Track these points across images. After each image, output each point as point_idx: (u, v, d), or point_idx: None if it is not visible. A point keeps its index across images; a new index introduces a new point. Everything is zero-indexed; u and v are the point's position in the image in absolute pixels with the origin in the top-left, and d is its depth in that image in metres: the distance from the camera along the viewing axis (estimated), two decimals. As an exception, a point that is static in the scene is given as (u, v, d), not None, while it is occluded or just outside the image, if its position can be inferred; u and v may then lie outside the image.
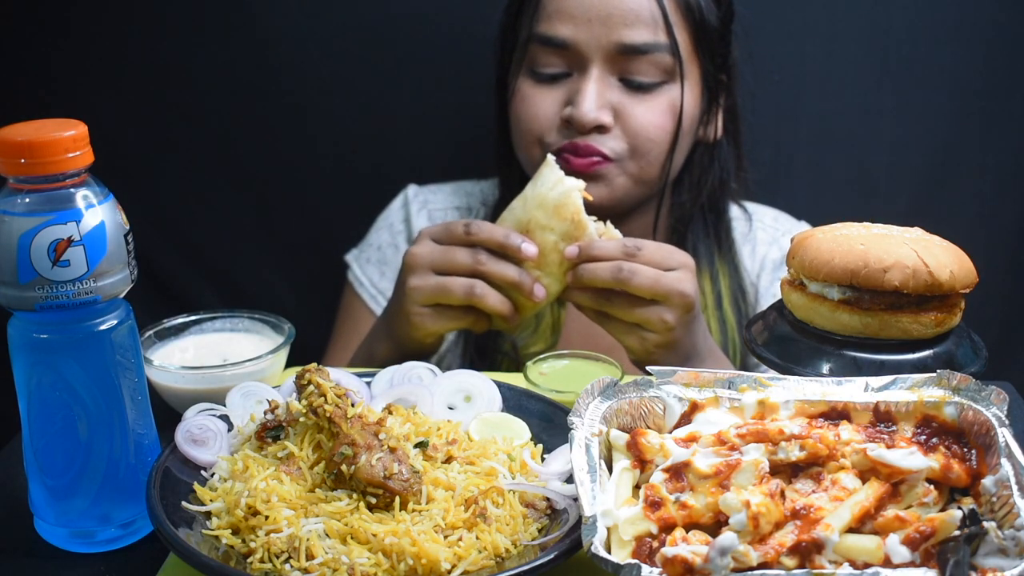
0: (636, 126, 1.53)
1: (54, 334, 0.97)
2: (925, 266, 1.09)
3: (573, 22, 1.50)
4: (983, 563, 0.85)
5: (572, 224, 1.32)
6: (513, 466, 1.06)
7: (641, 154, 1.55)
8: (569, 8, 1.51)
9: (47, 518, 1.03)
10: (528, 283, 1.34)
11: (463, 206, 1.79)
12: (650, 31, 1.50)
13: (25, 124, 0.94)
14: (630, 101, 1.53)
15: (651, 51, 1.50)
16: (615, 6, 1.49)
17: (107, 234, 0.95)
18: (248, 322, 1.34)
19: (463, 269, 1.34)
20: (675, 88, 1.54)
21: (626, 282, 1.30)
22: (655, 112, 1.53)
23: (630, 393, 1.01)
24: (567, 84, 1.55)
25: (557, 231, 1.33)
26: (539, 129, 1.56)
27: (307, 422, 1.04)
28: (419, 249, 1.36)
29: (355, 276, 1.80)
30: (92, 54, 1.93)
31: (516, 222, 1.35)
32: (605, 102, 1.52)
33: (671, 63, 1.52)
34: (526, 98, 1.57)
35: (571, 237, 1.32)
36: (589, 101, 1.50)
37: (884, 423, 0.98)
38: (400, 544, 0.92)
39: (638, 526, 0.89)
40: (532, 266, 1.35)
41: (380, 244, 1.79)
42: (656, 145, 1.55)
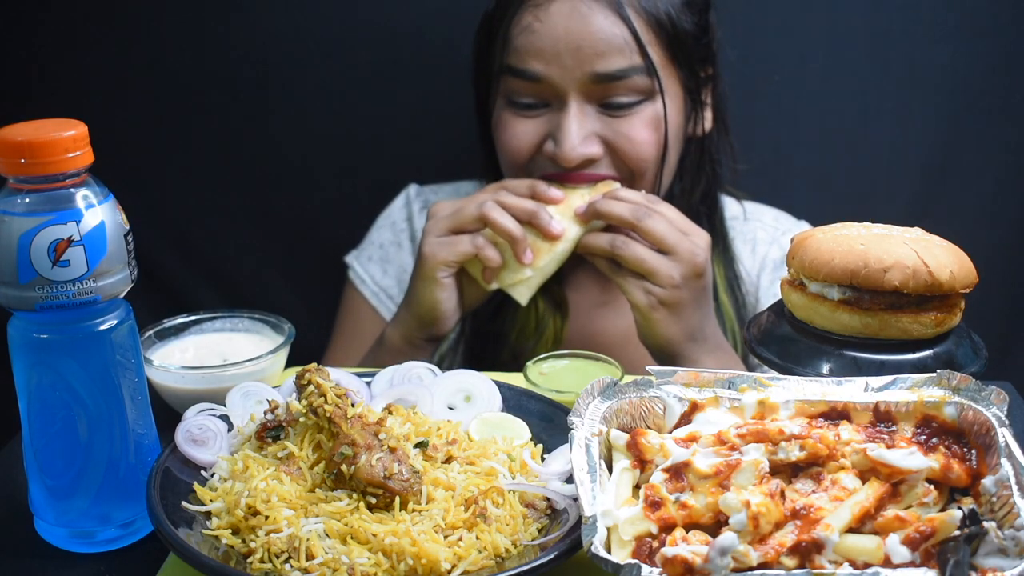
0: (626, 149, 1.50)
1: (54, 334, 0.97)
2: (925, 266, 1.09)
3: (543, 57, 1.46)
4: (983, 563, 0.85)
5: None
6: (513, 466, 1.06)
7: (639, 174, 1.53)
8: (538, 43, 1.47)
9: (47, 518, 1.03)
10: (544, 215, 1.42)
11: None
12: (624, 57, 1.46)
13: (25, 124, 0.94)
14: (614, 125, 1.50)
15: (627, 76, 1.47)
16: (584, 38, 1.45)
17: (107, 234, 0.95)
18: (248, 322, 1.34)
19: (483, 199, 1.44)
20: (655, 103, 1.51)
21: (642, 221, 1.36)
22: (640, 130, 1.50)
23: (630, 393, 1.01)
24: (547, 115, 1.52)
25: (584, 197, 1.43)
26: (523, 161, 1.55)
27: (307, 422, 1.04)
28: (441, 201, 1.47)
29: (356, 275, 1.79)
30: (92, 54, 1.93)
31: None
32: (588, 133, 1.49)
33: (649, 83, 1.49)
34: (507, 128, 1.55)
35: None
36: (572, 139, 1.47)
37: (884, 423, 0.98)
38: (400, 544, 0.92)
39: (638, 526, 0.89)
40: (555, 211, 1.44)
41: (382, 242, 1.79)
42: (648, 163, 1.53)
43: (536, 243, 1.44)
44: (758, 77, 1.87)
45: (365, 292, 1.77)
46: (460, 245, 1.43)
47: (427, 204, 1.79)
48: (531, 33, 1.47)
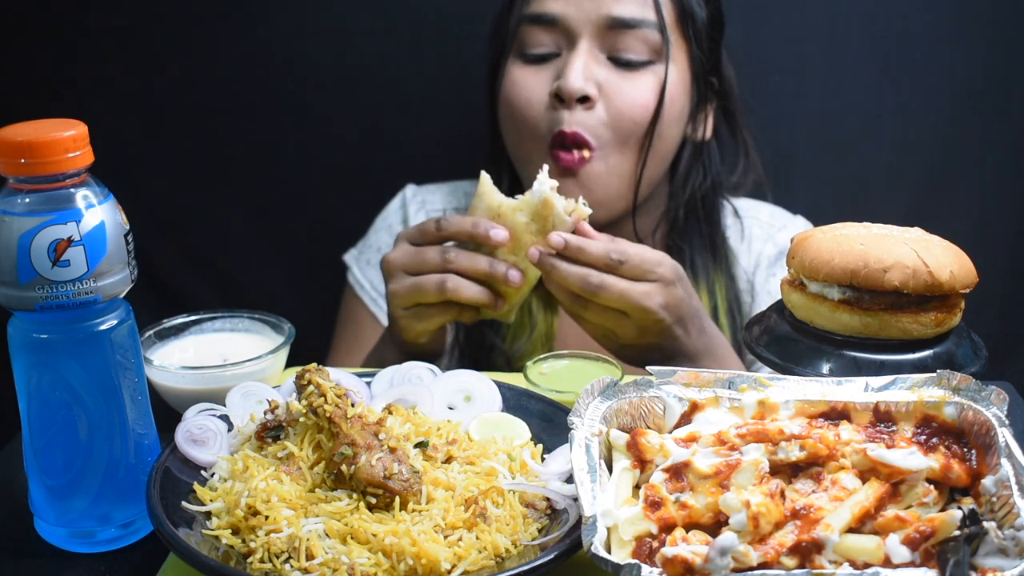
0: (620, 104, 1.53)
1: (54, 334, 0.97)
2: (925, 266, 1.09)
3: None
4: (983, 563, 0.85)
5: (540, 203, 1.32)
6: (513, 466, 1.06)
7: (622, 138, 1.54)
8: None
9: (47, 518, 1.03)
10: (501, 271, 1.34)
11: (461, 207, 1.78)
12: (638, 6, 1.52)
13: (25, 124, 0.94)
14: (616, 78, 1.53)
15: (639, 26, 1.52)
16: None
17: (107, 234, 0.95)
18: (248, 322, 1.34)
19: (435, 267, 1.35)
20: (661, 68, 1.55)
21: (592, 294, 1.31)
22: (640, 90, 1.53)
23: (630, 393, 1.01)
24: (555, 63, 1.56)
25: (527, 211, 1.33)
26: (531, 115, 1.56)
27: (307, 422, 1.04)
28: (394, 254, 1.38)
29: (356, 279, 1.79)
30: (92, 54, 1.93)
31: (487, 209, 1.35)
32: (591, 75, 1.52)
33: (658, 40, 1.53)
34: (516, 82, 1.58)
35: (540, 216, 1.32)
36: (576, 72, 1.51)
37: (884, 423, 0.98)
38: (400, 544, 0.92)
39: (638, 526, 0.89)
40: (507, 251, 1.35)
41: (380, 246, 1.79)
42: (638, 127, 1.54)
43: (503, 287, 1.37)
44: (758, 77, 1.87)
45: (364, 298, 1.77)
46: (435, 319, 1.39)
47: (424, 205, 1.79)
48: None
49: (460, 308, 1.38)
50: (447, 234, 1.36)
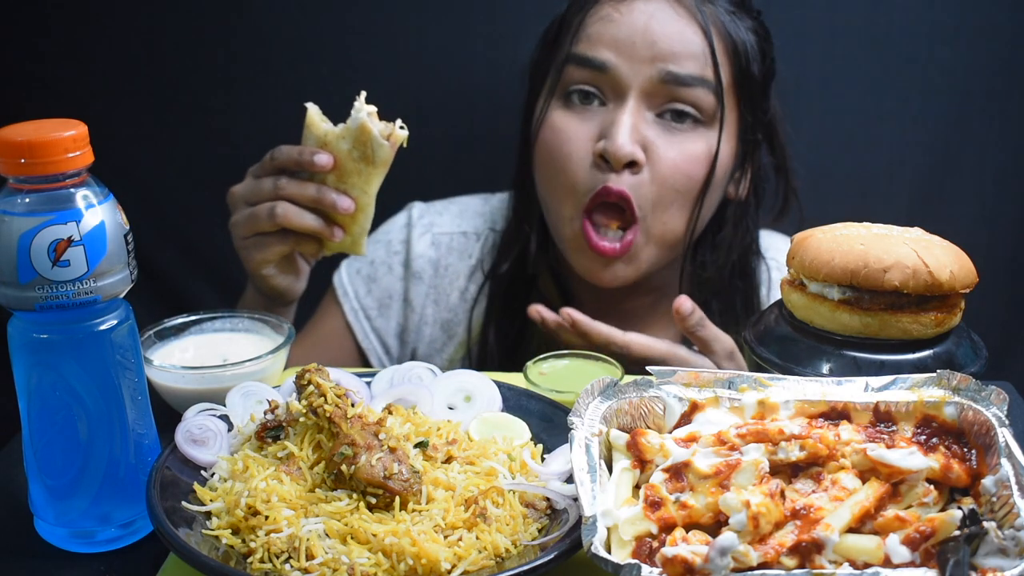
0: (666, 169, 1.46)
1: (54, 334, 0.97)
2: (925, 266, 1.09)
3: (616, 46, 1.44)
4: (983, 563, 0.85)
5: (358, 129, 1.35)
6: (513, 466, 1.06)
7: (664, 206, 1.47)
8: (614, 32, 1.45)
9: (47, 518, 1.03)
10: (329, 197, 1.37)
11: (471, 230, 1.73)
12: (696, 65, 1.44)
13: (25, 124, 0.94)
14: (663, 140, 1.46)
15: (694, 85, 1.44)
16: (662, 34, 1.43)
17: (107, 234, 0.95)
18: (248, 322, 1.34)
19: (268, 196, 1.39)
20: (711, 133, 1.47)
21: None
22: (686, 156, 1.46)
23: (630, 393, 1.01)
24: (600, 116, 1.48)
25: (348, 138, 1.36)
26: (572, 170, 1.48)
27: (307, 422, 1.04)
28: (237, 187, 1.44)
29: (341, 283, 1.74)
30: (92, 54, 1.93)
31: (316, 140, 1.38)
32: (640, 136, 1.45)
33: (712, 104, 1.45)
34: (557, 129, 1.50)
35: (360, 143, 1.36)
36: (624, 134, 1.43)
37: (884, 423, 0.98)
38: (400, 544, 0.92)
39: (638, 526, 0.89)
40: (336, 180, 1.39)
41: (374, 259, 1.74)
42: (682, 196, 1.48)
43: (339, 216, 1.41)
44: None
45: (345, 307, 1.73)
46: (273, 247, 1.42)
47: (430, 228, 1.73)
48: (609, 22, 1.46)
49: (297, 237, 1.41)
50: (279, 163, 1.39)
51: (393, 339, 1.72)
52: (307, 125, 1.38)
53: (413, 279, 1.71)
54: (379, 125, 1.35)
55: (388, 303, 1.72)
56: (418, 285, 1.71)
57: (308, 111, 1.38)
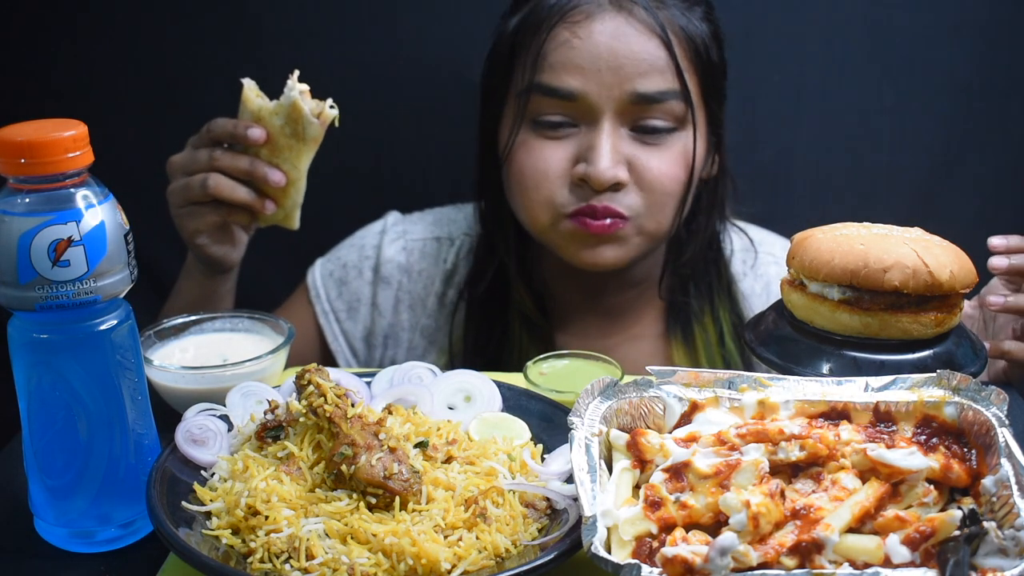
0: (651, 179, 1.47)
1: (54, 334, 0.97)
2: (925, 266, 1.09)
3: (582, 73, 1.44)
4: (983, 563, 0.85)
5: (290, 106, 1.39)
6: (513, 466, 1.06)
7: (657, 208, 1.49)
8: (577, 59, 1.44)
9: (47, 518, 1.03)
10: (260, 169, 1.42)
11: (444, 235, 1.74)
12: (663, 79, 1.44)
13: (25, 124, 0.94)
14: (643, 153, 1.47)
15: (664, 99, 1.45)
16: (625, 55, 1.43)
17: (107, 234, 0.95)
18: (248, 322, 1.34)
19: (203, 167, 1.42)
20: (685, 135, 1.48)
21: None
22: (668, 163, 1.47)
23: (630, 393, 1.01)
24: (576, 138, 1.48)
25: (281, 115, 1.41)
26: (549, 189, 1.49)
27: (307, 422, 1.04)
28: (175, 156, 1.46)
29: (315, 285, 1.74)
30: (92, 54, 1.93)
31: (251, 114, 1.42)
32: (620, 157, 1.46)
33: (683, 110, 1.46)
34: (531, 154, 1.49)
35: (292, 120, 1.40)
36: (605, 159, 1.43)
37: (884, 423, 0.98)
38: (400, 544, 0.92)
39: (638, 526, 0.89)
40: (269, 154, 1.43)
41: (346, 262, 1.75)
42: (671, 197, 1.49)
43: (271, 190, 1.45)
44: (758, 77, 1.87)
45: (316, 308, 1.74)
46: (206, 217, 1.46)
47: (403, 235, 1.73)
48: (570, 49, 1.44)
49: (230, 208, 1.45)
50: (214, 135, 1.43)
51: (359, 343, 1.74)
52: (243, 100, 1.42)
53: (381, 283, 1.72)
54: (310, 103, 1.40)
55: (356, 306, 1.73)
56: (386, 290, 1.72)
57: (244, 86, 1.42)
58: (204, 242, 1.49)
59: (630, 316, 1.68)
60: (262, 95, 1.43)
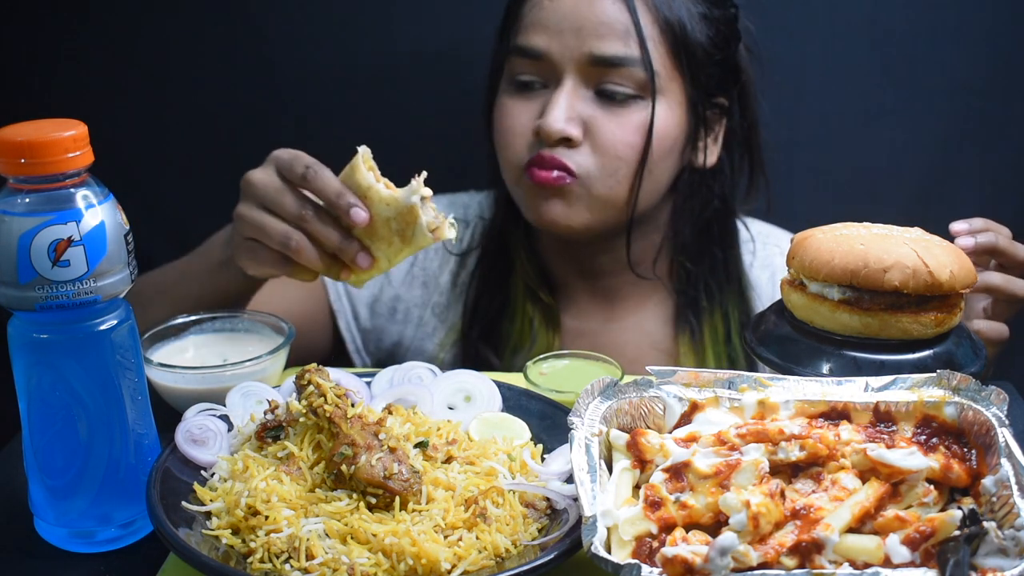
0: (605, 142, 1.50)
1: (54, 334, 0.97)
2: (925, 266, 1.09)
3: (547, 33, 1.50)
4: (983, 563, 0.85)
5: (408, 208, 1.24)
6: (513, 466, 1.06)
7: (609, 172, 1.51)
8: (543, 19, 1.51)
9: (47, 518, 1.03)
10: (351, 251, 1.27)
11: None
12: (622, 43, 1.48)
13: (25, 124, 0.94)
14: (602, 116, 1.50)
15: (623, 64, 1.48)
16: (587, 17, 1.47)
17: (107, 234, 0.95)
18: (248, 322, 1.34)
19: (289, 215, 1.27)
20: (644, 104, 1.50)
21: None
22: (625, 128, 1.50)
23: (630, 393, 1.01)
24: (542, 97, 1.53)
25: (393, 208, 1.25)
26: (513, 147, 1.54)
27: (307, 422, 1.04)
28: (258, 176, 1.30)
29: None
30: (92, 54, 1.93)
31: (356, 185, 1.26)
32: (575, 114, 1.49)
33: (644, 78, 1.49)
34: (504, 114, 1.56)
35: (404, 220, 1.25)
36: (557, 111, 1.48)
37: (884, 423, 0.98)
38: (400, 544, 0.92)
39: (638, 526, 0.89)
40: (362, 233, 1.27)
41: None
42: (624, 164, 1.51)
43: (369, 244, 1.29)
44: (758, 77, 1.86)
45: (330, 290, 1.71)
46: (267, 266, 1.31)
47: None
48: (540, 10, 1.52)
49: (296, 266, 1.30)
50: (311, 187, 1.26)
51: (364, 307, 1.73)
52: (352, 166, 1.26)
53: None
54: (430, 214, 1.26)
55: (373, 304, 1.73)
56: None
57: (359, 153, 1.26)
58: (254, 274, 1.36)
59: (632, 300, 1.69)
60: (375, 168, 1.27)
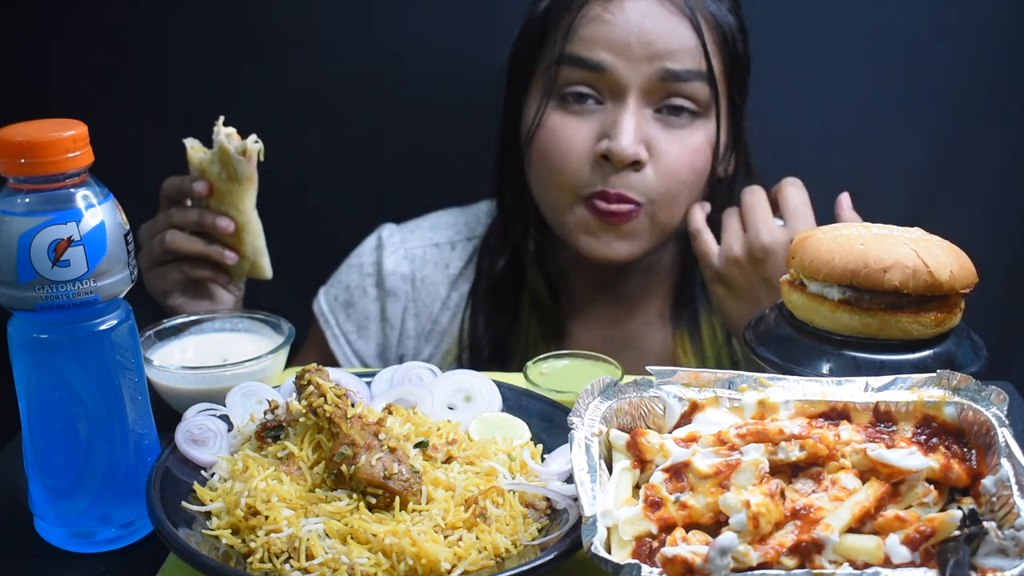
0: (669, 165, 1.48)
1: (54, 334, 0.97)
2: (925, 266, 1.09)
3: (611, 47, 1.45)
4: (983, 563, 0.85)
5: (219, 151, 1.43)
6: (513, 466, 1.06)
7: (671, 198, 1.50)
8: (606, 33, 1.45)
9: (47, 518, 1.03)
10: (208, 219, 1.44)
11: (444, 241, 1.74)
12: (691, 59, 1.46)
13: (25, 124, 0.94)
14: (664, 136, 1.48)
15: (691, 79, 1.46)
16: (657, 34, 1.44)
17: (107, 234, 0.95)
18: (248, 322, 1.34)
19: (161, 226, 1.46)
20: (709, 124, 1.50)
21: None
22: (688, 151, 1.48)
23: (630, 393, 1.01)
24: (600, 114, 1.49)
25: (216, 162, 1.44)
26: (571, 169, 1.49)
27: (307, 422, 1.04)
28: (144, 224, 1.50)
29: (322, 312, 1.75)
30: (92, 54, 1.93)
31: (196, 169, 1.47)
32: (642, 135, 1.46)
33: (707, 94, 1.48)
34: (556, 131, 1.50)
35: (224, 163, 1.44)
36: (628, 134, 1.44)
37: (884, 423, 0.98)
38: (400, 544, 0.92)
39: (638, 526, 0.89)
40: (217, 203, 1.46)
41: (348, 284, 1.75)
42: (686, 187, 1.50)
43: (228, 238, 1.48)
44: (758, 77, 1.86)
45: (328, 334, 1.74)
46: (170, 275, 1.48)
47: (403, 244, 1.73)
48: (602, 23, 1.46)
49: (192, 263, 1.47)
50: (167, 194, 1.47)
51: (373, 359, 1.74)
52: (188, 158, 1.47)
53: (388, 297, 1.72)
54: (235, 143, 1.43)
55: (366, 325, 1.73)
56: (394, 302, 1.72)
57: (186, 145, 1.47)
58: (177, 301, 1.49)
59: (639, 303, 1.70)
60: (203, 149, 1.47)
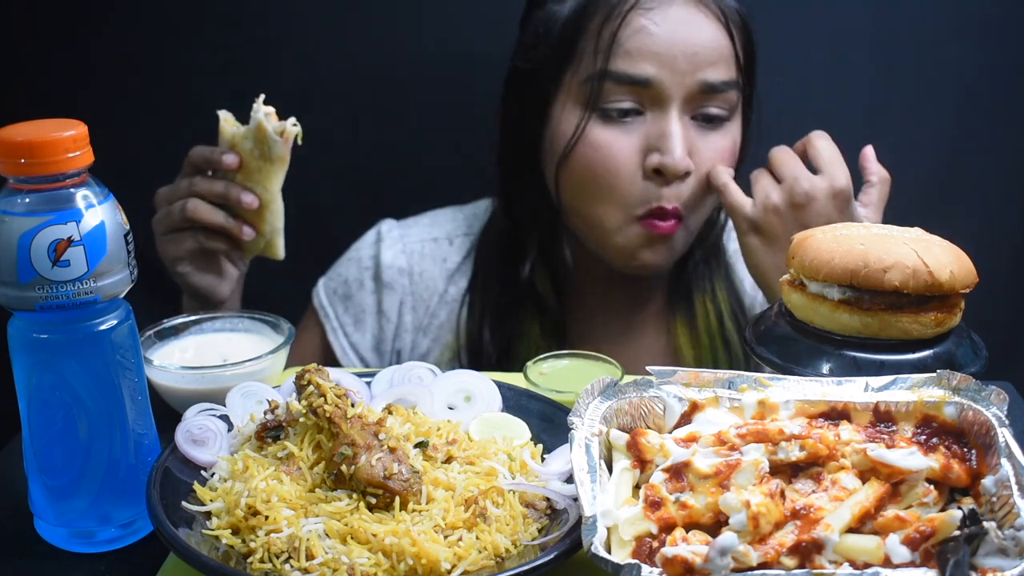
0: (706, 167, 1.50)
1: (54, 334, 0.97)
2: (925, 266, 1.09)
3: (657, 60, 1.44)
4: (983, 563, 0.85)
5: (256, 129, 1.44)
6: (513, 466, 1.06)
7: (703, 202, 1.52)
8: (651, 45, 1.45)
9: (47, 518, 1.03)
10: (234, 192, 1.45)
11: (442, 236, 1.75)
12: (727, 68, 1.48)
13: (25, 124, 0.94)
14: (702, 144, 1.50)
15: (727, 89, 1.48)
16: (699, 43, 1.45)
17: (107, 234, 0.95)
18: (248, 322, 1.34)
19: (184, 193, 1.47)
20: (735, 126, 1.52)
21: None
22: (720, 155, 1.50)
23: (630, 393, 1.01)
24: (642, 126, 1.48)
25: (250, 138, 1.45)
26: (623, 188, 1.49)
27: (307, 422, 1.04)
28: (162, 188, 1.51)
29: (321, 305, 1.76)
30: (92, 54, 1.93)
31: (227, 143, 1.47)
32: (688, 144, 1.48)
33: (735, 100, 1.50)
34: (601, 146, 1.49)
35: (259, 141, 1.45)
36: (680, 148, 1.46)
37: (884, 423, 0.98)
38: (400, 544, 0.92)
39: (638, 526, 0.89)
40: (243, 179, 1.47)
41: (347, 278, 1.76)
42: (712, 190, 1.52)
43: (249, 215, 1.49)
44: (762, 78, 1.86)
45: (326, 326, 1.75)
46: (185, 243, 1.48)
47: (402, 239, 1.74)
48: (647, 35, 1.45)
49: (208, 233, 1.47)
50: (193, 163, 1.48)
51: (369, 352, 1.75)
52: (220, 131, 1.47)
53: (385, 290, 1.72)
54: (274, 124, 1.43)
55: (362, 317, 1.74)
56: (391, 295, 1.72)
57: (220, 117, 1.47)
58: (186, 270, 1.50)
59: (639, 301, 1.71)
60: (237, 124, 1.47)
